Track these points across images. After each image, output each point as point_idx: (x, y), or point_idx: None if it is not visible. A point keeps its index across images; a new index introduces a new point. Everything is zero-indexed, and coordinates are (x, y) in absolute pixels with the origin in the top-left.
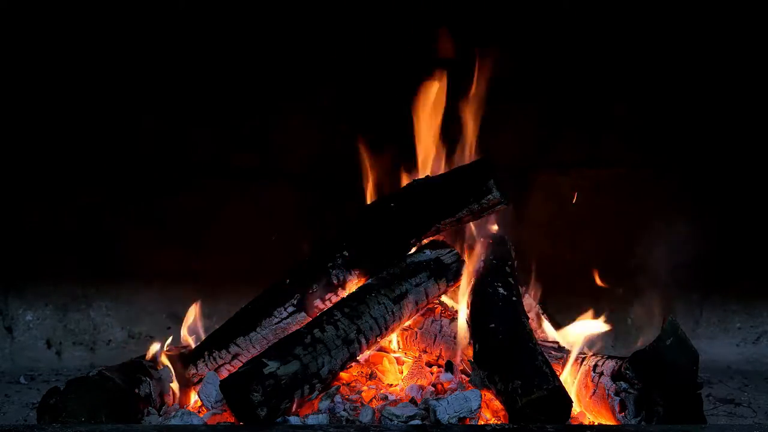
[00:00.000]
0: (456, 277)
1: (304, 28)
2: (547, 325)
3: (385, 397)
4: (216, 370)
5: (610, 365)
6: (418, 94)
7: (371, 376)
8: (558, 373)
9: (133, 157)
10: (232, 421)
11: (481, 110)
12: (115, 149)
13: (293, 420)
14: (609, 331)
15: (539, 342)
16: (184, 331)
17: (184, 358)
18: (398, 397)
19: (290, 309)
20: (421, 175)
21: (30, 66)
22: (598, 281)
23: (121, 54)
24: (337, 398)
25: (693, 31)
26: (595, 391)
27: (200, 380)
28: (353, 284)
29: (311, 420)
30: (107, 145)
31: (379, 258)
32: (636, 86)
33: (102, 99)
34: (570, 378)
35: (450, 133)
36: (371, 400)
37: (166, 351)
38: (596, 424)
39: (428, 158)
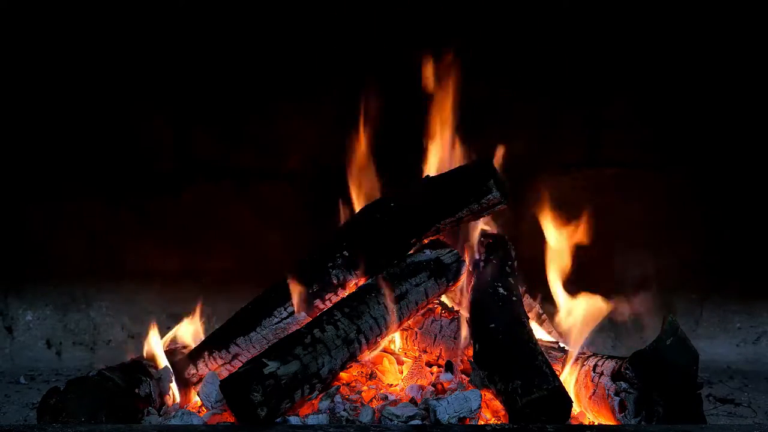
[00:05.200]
0: (456, 277)
1: (305, 29)
2: (547, 325)
3: (385, 397)
4: (216, 370)
5: (610, 365)
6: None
7: (371, 376)
8: (558, 373)
9: (133, 156)
10: (232, 421)
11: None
12: (115, 149)
13: (293, 420)
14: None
15: (539, 342)
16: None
17: (184, 358)
18: (398, 397)
19: (290, 309)
20: (422, 175)
21: (30, 66)
22: None
23: (121, 54)
24: (337, 398)
25: (692, 30)
26: (595, 391)
27: (200, 380)
28: (353, 284)
29: (311, 420)
30: (107, 145)
31: (379, 258)
32: (636, 86)
33: (102, 99)
34: (570, 378)
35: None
36: (371, 400)
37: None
38: (596, 424)
39: (428, 158)
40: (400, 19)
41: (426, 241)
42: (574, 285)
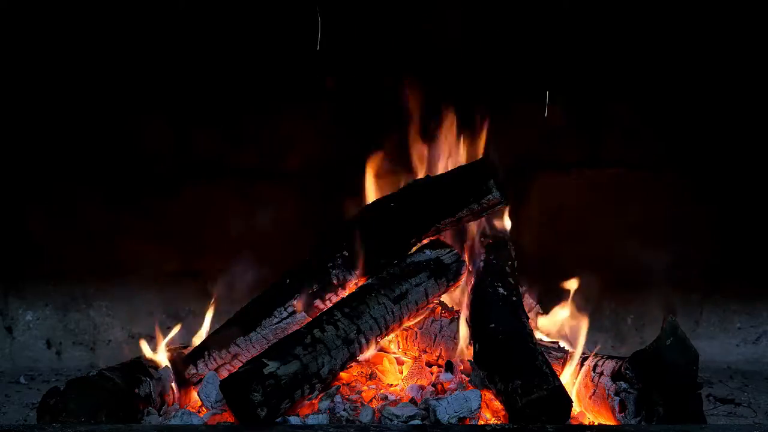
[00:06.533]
0: (456, 277)
1: (305, 29)
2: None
3: (385, 397)
4: (216, 370)
5: (610, 365)
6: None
7: (371, 376)
8: (558, 373)
9: (133, 156)
10: (232, 421)
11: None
12: (115, 149)
13: (293, 420)
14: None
15: (539, 342)
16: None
17: (184, 358)
18: (398, 397)
19: (290, 309)
20: (421, 175)
21: (31, 66)
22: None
23: (122, 54)
24: (337, 398)
25: (693, 30)
26: (595, 391)
27: (200, 380)
28: (353, 284)
29: (311, 420)
30: (107, 145)
31: (379, 258)
32: (636, 86)
33: (102, 99)
34: (570, 378)
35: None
36: (371, 400)
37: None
38: (596, 424)
39: (427, 158)
40: (401, 15)
41: (426, 241)
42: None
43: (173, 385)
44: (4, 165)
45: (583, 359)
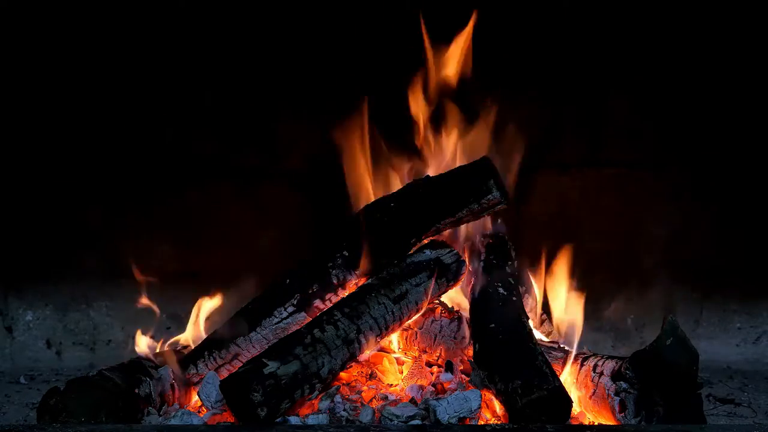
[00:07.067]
0: (456, 277)
1: (306, 29)
2: (547, 325)
3: (385, 397)
4: (216, 370)
5: (610, 365)
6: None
7: (371, 376)
8: (558, 373)
9: (133, 156)
10: (232, 421)
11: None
12: (115, 149)
13: (293, 420)
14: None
15: (539, 342)
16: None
17: (184, 358)
18: (398, 397)
19: (290, 309)
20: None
21: (31, 66)
22: None
23: (121, 54)
24: (337, 398)
25: (694, 29)
26: (595, 391)
27: (200, 380)
28: (353, 284)
29: (311, 420)
30: (107, 146)
31: (379, 258)
32: (637, 85)
33: (102, 99)
34: (570, 378)
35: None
36: (371, 400)
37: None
38: (596, 424)
39: (428, 157)
40: (400, 16)
41: (426, 241)
42: (573, 284)
43: (173, 384)
44: (3, 165)
45: (584, 359)
